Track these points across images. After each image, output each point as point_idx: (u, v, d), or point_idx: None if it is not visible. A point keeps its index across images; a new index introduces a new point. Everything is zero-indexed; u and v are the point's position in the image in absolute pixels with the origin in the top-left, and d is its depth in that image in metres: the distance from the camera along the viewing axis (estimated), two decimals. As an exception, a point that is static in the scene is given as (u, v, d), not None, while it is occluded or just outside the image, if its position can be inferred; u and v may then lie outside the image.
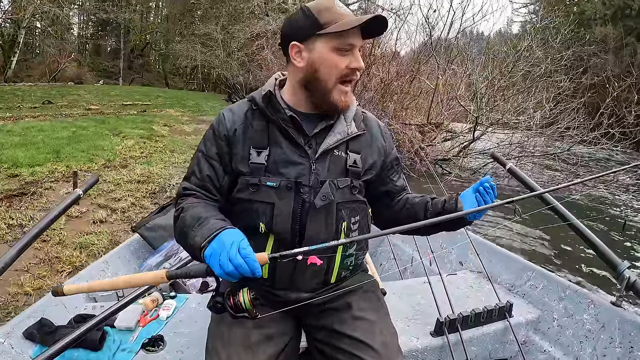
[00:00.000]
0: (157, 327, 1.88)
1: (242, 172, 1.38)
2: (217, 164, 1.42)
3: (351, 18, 1.29)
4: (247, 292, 1.19)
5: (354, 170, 1.43)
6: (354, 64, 1.32)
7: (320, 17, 1.29)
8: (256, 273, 1.11)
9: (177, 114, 15.42)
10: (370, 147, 1.50)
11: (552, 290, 2.19)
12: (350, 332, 1.36)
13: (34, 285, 3.23)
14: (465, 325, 1.92)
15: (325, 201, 1.35)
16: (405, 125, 9.91)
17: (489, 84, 10.45)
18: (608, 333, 1.91)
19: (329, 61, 1.31)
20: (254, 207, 1.36)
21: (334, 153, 1.41)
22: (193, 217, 1.29)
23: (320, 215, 1.36)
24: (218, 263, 1.12)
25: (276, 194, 1.35)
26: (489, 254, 2.58)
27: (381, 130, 1.58)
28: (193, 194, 1.42)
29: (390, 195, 1.60)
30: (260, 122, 1.42)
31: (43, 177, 5.82)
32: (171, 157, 8.17)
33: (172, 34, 33.50)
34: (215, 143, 1.42)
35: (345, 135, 1.42)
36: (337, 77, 1.32)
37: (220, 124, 1.43)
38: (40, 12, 20.27)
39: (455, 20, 11.08)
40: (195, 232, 1.23)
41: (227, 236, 1.16)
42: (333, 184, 1.37)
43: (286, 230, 1.35)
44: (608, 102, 10.02)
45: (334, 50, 1.30)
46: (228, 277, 1.12)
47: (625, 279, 1.83)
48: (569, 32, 12.09)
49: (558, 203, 2.15)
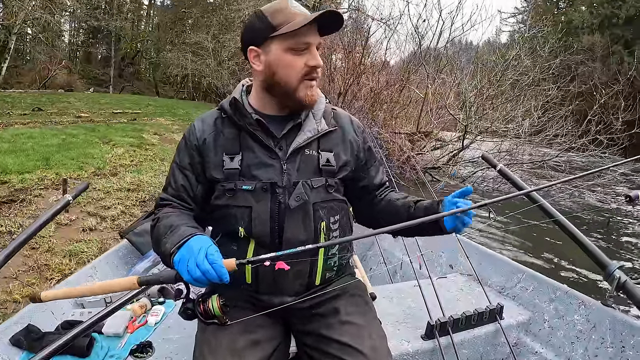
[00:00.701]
0: (146, 333, 1.86)
1: (217, 179, 1.39)
2: (190, 173, 1.44)
3: (303, 17, 1.29)
4: (217, 298, 1.21)
5: (328, 169, 1.43)
6: (312, 61, 1.32)
7: (273, 19, 1.30)
8: (223, 279, 1.12)
9: (167, 122, 15.33)
10: (343, 143, 1.50)
11: (543, 291, 2.20)
12: (338, 336, 1.35)
13: (23, 292, 3.19)
14: (456, 328, 1.92)
15: (300, 201, 1.35)
16: (395, 134, 9.96)
17: (477, 93, 10.54)
18: (599, 333, 1.91)
19: (285, 62, 1.32)
20: (232, 212, 1.37)
21: (305, 152, 1.41)
22: (166, 225, 1.31)
23: (297, 216, 1.36)
24: (186, 269, 1.13)
25: (253, 197, 1.35)
26: (479, 256, 2.59)
27: (353, 124, 1.57)
28: (169, 204, 1.44)
29: (368, 191, 1.59)
30: (231, 129, 1.43)
31: (32, 185, 5.74)
32: (161, 166, 8.10)
33: (163, 42, 33.42)
34: (187, 153, 1.44)
35: (316, 133, 1.43)
36: (297, 77, 1.33)
37: (191, 134, 1.45)
38: (31, 18, 20.17)
39: (444, 30, 11.18)
40: (166, 239, 1.25)
41: (195, 242, 1.17)
42: (307, 184, 1.37)
43: (265, 233, 1.35)
44: (595, 109, 10.16)
45: (289, 50, 1.31)
46: (196, 283, 1.13)
47: (616, 279, 1.83)
48: (557, 41, 12.23)
49: (547, 203, 2.16)
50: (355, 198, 1.59)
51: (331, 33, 1.40)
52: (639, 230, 7.70)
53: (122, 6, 35.35)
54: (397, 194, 1.59)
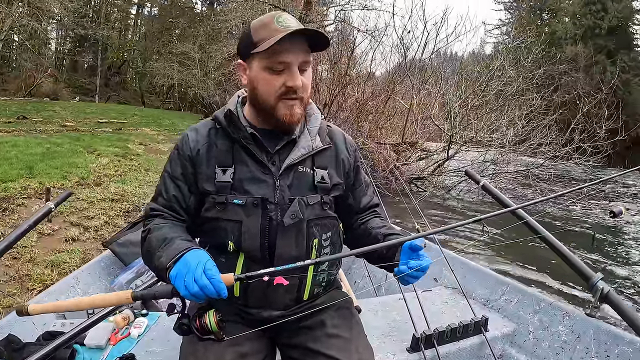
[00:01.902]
0: (129, 345, 1.83)
1: (209, 192, 1.37)
2: (183, 184, 1.41)
3: (282, 34, 1.23)
4: (214, 313, 1.17)
5: (323, 186, 1.42)
6: (289, 82, 1.28)
7: (255, 35, 1.29)
8: (222, 294, 1.10)
9: (152, 132, 15.29)
10: (336, 161, 1.49)
11: (527, 303, 2.22)
12: (324, 350, 1.34)
13: (4, 303, 3.15)
14: (442, 341, 1.91)
15: (295, 219, 1.34)
16: (380, 145, 9.99)
17: (462, 103, 10.63)
18: (584, 344, 1.93)
19: (263, 80, 1.30)
20: (221, 225, 1.35)
21: (298, 169, 1.39)
22: (159, 238, 1.28)
23: (290, 233, 1.35)
24: (183, 284, 1.11)
25: (243, 211, 1.33)
26: (464, 269, 2.60)
27: (346, 142, 1.56)
28: (160, 215, 1.40)
29: (350, 213, 1.57)
30: (224, 141, 1.41)
31: (15, 193, 5.68)
32: (146, 176, 8.08)
33: (149, 52, 33.39)
34: (180, 163, 1.41)
35: (310, 150, 1.41)
36: (274, 95, 1.30)
37: (184, 144, 1.42)
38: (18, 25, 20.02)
39: (429, 41, 11.27)
40: (160, 252, 1.23)
41: (192, 257, 1.15)
42: (303, 202, 1.36)
43: (255, 248, 1.33)
44: (579, 118, 10.31)
45: (266, 69, 1.29)
46: (193, 298, 1.11)
47: (599, 290, 1.85)
48: (540, 52, 12.41)
49: (531, 218, 2.18)
50: (339, 216, 1.57)
51: (319, 50, 1.37)
52: (622, 242, 7.81)
53: (109, 15, 35.24)
54: (377, 222, 1.55)
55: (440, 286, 2.66)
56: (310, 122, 1.46)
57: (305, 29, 1.25)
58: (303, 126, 1.45)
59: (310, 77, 1.37)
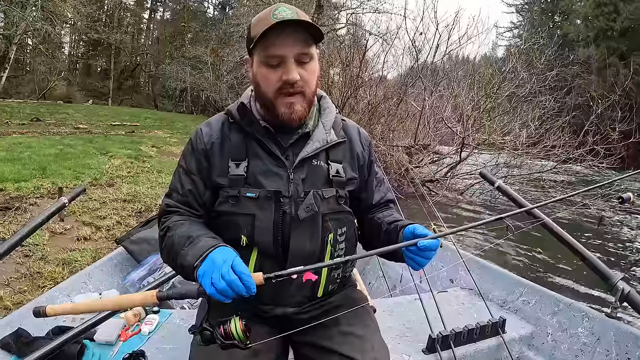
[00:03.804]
0: (139, 342, 1.81)
1: (222, 185, 1.35)
2: (198, 178, 1.38)
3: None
4: (239, 320, 1.12)
5: (338, 180, 1.39)
6: (284, 75, 1.25)
7: (252, 30, 1.27)
8: (251, 290, 1.07)
9: (165, 135, 15.39)
10: (351, 156, 1.46)
11: (545, 304, 2.17)
12: (338, 348, 1.30)
13: (14, 299, 3.16)
14: (458, 342, 1.87)
15: (309, 212, 1.30)
16: (392, 147, 9.95)
17: (474, 106, 10.56)
18: (604, 345, 1.88)
19: (261, 75, 1.28)
20: (234, 219, 1.32)
21: (312, 163, 1.37)
22: (182, 236, 1.25)
23: (305, 227, 1.32)
24: (210, 281, 1.08)
25: (256, 205, 1.30)
26: (480, 270, 2.56)
27: (360, 136, 1.53)
28: (176, 211, 1.38)
29: (361, 207, 1.53)
30: (238, 134, 1.39)
31: (28, 193, 5.74)
32: (158, 178, 8.08)
33: (162, 56, 33.69)
34: (195, 158, 1.39)
35: (325, 143, 1.39)
36: (272, 91, 1.28)
37: (198, 139, 1.40)
38: (32, 29, 20.27)
39: (441, 44, 11.20)
40: (186, 251, 1.20)
41: (219, 254, 1.13)
42: (318, 195, 1.33)
43: (268, 242, 1.30)
44: (592, 119, 10.21)
45: (263, 64, 1.27)
46: (220, 296, 1.07)
47: (619, 291, 1.81)
48: (552, 53, 12.32)
49: (548, 218, 2.14)
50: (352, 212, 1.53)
51: (319, 41, 1.31)
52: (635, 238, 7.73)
53: (122, 19, 35.70)
54: (385, 213, 1.51)
55: (457, 287, 2.62)
56: (325, 116, 1.44)
57: (292, 19, 1.21)
58: (317, 120, 1.42)
59: (314, 69, 1.32)
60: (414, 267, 1.25)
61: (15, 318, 1.80)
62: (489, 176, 2.75)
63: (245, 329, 1.11)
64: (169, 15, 38.88)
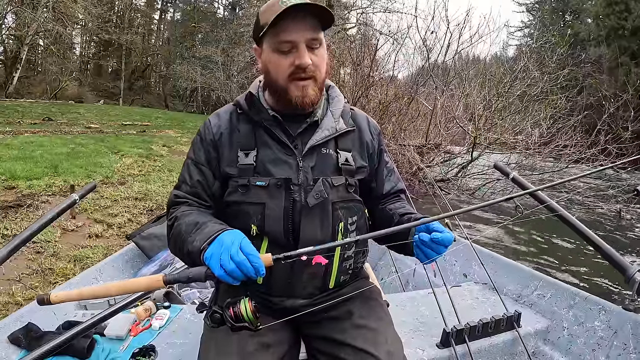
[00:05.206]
0: (149, 337, 1.81)
1: (231, 175, 1.34)
2: (207, 169, 1.38)
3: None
4: (249, 301, 1.10)
5: (347, 169, 1.38)
6: (297, 61, 1.24)
7: (261, 18, 1.27)
8: (260, 271, 1.06)
9: (176, 135, 15.44)
10: (360, 145, 1.45)
11: (561, 298, 2.13)
12: (351, 341, 1.28)
13: (25, 295, 3.17)
14: (473, 336, 1.85)
15: (319, 199, 1.29)
16: (404, 147, 9.90)
17: (486, 105, 10.49)
18: (621, 339, 1.83)
19: (273, 62, 1.28)
20: (244, 208, 1.31)
21: (321, 151, 1.36)
22: (189, 223, 1.25)
23: (315, 215, 1.31)
24: (219, 263, 1.06)
25: (266, 193, 1.30)
26: (494, 264, 2.52)
27: (369, 125, 1.52)
28: (185, 202, 1.38)
29: (371, 197, 1.51)
30: (246, 124, 1.39)
31: (40, 191, 5.79)
32: (169, 176, 8.11)
33: (173, 56, 33.84)
34: (203, 149, 1.40)
35: (334, 132, 1.38)
36: (284, 77, 1.28)
37: (207, 130, 1.41)
38: (43, 29, 20.49)
39: (452, 42, 11.13)
40: (193, 237, 1.19)
41: (227, 236, 1.12)
42: (327, 182, 1.32)
43: (279, 231, 1.29)
44: (604, 119, 10.10)
45: (275, 51, 1.27)
46: (229, 278, 1.06)
47: (636, 283, 1.77)
48: (564, 52, 12.21)
49: (564, 210, 2.11)
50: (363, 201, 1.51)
51: (329, 26, 1.31)
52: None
53: (133, 20, 35.88)
54: (397, 205, 1.50)
55: (470, 282, 2.59)
56: (333, 104, 1.43)
57: (302, 3, 1.20)
58: (326, 108, 1.42)
59: (323, 55, 1.32)
60: (422, 259, 1.24)
61: (25, 313, 1.81)
62: (503, 168, 2.73)
63: (255, 309, 1.09)
64: (179, 16, 39.03)
